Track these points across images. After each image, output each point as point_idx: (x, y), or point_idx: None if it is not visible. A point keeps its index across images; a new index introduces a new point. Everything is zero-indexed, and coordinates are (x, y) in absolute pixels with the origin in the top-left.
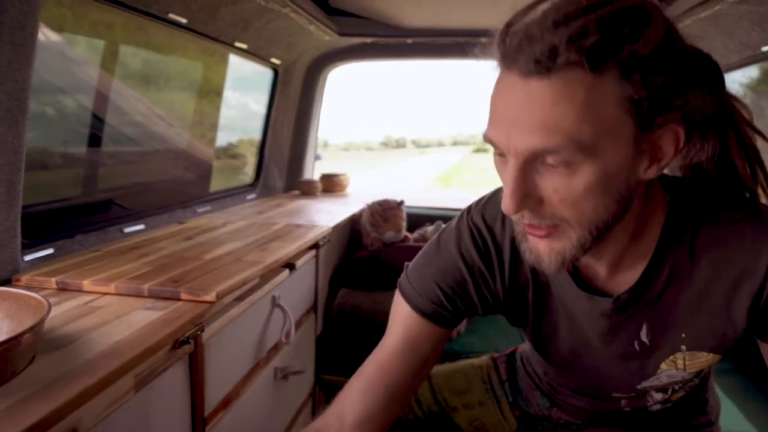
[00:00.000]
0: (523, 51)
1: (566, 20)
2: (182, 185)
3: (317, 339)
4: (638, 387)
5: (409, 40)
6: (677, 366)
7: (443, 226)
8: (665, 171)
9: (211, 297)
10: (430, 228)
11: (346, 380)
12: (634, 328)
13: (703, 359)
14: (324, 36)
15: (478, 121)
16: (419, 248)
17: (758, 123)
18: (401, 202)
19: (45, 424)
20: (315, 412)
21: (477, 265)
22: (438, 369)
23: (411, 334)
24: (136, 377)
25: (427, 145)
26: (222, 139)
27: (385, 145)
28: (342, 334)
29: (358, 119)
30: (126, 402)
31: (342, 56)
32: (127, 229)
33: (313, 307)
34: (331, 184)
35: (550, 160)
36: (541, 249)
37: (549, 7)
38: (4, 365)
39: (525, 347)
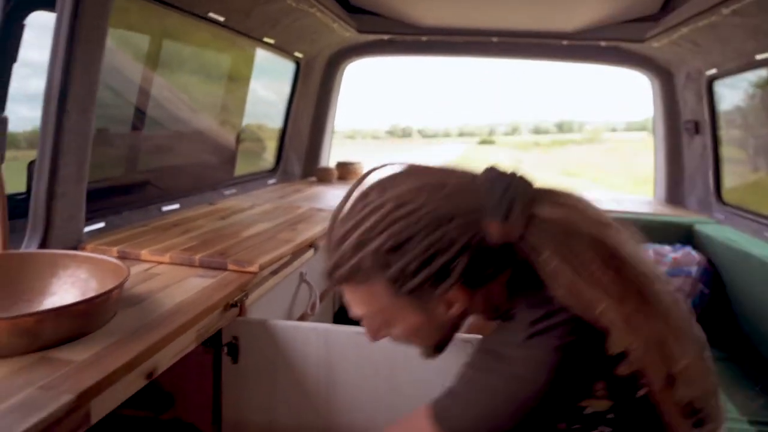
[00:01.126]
0: None
1: (330, 250)
2: (210, 169)
3: (334, 315)
4: None
5: (424, 38)
6: None
7: None
8: None
9: (254, 268)
10: None
11: None
12: None
13: None
14: (344, 32)
15: (485, 112)
16: None
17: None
18: None
19: (134, 363)
20: None
21: None
22: None
23: None
24: (198, 332)
25: (434, 136)
26: None
27: (391, 134)
28: None
29: (365, 107)
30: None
31: (360, 51)
32: (165, 208)
33: None
34: (346, 172)
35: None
36: None
37: (334, 228)
38: (99, 314)
39: None
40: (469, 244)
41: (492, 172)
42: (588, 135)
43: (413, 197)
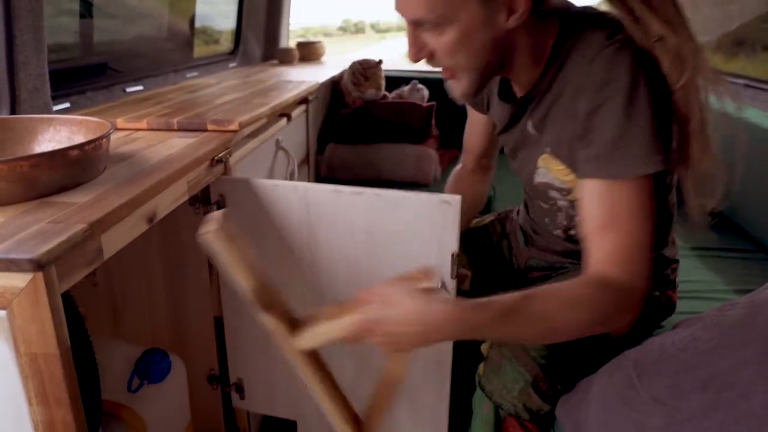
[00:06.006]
0: None
1: None
2: (168, 52)
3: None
4: (535, 183)
5: None
6: (548, 168)
7: (419, 85)
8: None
9: (234, 126)
10: (406, 87)
11: None
12: (525, 122)
13: (562, 169)
14: None
15: None
16: (398, 104)
17: None
18: (380, 62)
19: (135, 203)
20: None
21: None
22: None
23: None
24: (188, 183)
25: (387, 30)
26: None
27: (344, 30)
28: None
29: (314, 3)
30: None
31: None
32: (129, 89)
33: (306, 159)
34: (308, 52)
35: (425, 25)
36: (451, 86)
37: None
38: (92, 163)
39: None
40: None
41: None
42: None
43: None
